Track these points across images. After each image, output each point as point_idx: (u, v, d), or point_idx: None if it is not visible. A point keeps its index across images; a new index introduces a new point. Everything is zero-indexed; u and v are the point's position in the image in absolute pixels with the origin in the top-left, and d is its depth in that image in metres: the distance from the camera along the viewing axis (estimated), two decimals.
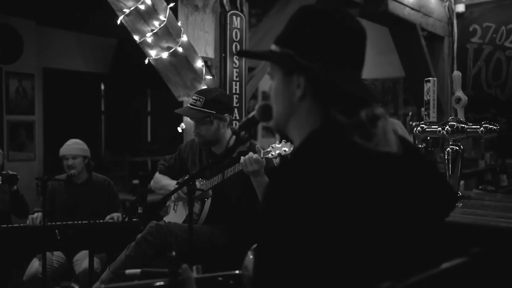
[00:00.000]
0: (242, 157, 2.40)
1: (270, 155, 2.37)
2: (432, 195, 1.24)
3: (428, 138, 3.16)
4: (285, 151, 2.33)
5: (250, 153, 2.39)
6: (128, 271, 1.50)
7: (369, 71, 6.64)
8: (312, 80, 1.07)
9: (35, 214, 3.32)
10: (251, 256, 1.44)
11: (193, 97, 2.71)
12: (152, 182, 3.02)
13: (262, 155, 2.39)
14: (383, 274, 1.01)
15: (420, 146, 3.71)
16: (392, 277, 0.96)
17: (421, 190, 1.18)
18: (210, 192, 2.69)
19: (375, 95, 1.11)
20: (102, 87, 7.58)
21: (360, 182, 1.00)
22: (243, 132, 1.54)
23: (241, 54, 3.16)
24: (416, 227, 1.15)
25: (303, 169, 0.99)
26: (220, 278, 1.45)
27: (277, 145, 2.38)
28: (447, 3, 6.20)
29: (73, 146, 3.55)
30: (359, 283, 0.98)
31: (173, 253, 1.27)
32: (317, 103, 1.08)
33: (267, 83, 1.20)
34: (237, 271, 1.50)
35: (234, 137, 1.90)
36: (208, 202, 2.69)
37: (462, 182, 4.32)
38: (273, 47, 1.13)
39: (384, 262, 1.03)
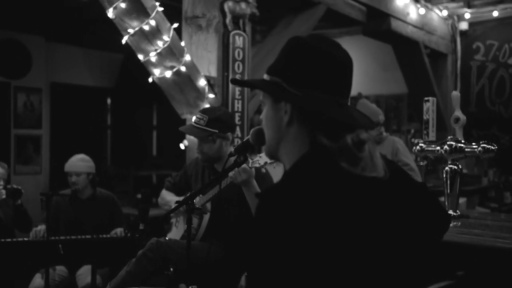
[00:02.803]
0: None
1: (257, 164, 2.41)
2: (422, 217, 1.27)
3: (430, 156, 3.19)
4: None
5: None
6: None
7: (373, 87, 6.74)
8: (297, 106, 1.12)
9: (39, 227, 3.36)
10: None
11: (197, 116, 2.77)
12: (159, 198, 3.11)
13: (250, 165, 2.42)
14: None
15: (421, 164, 3.74)
16: None
17: (409, 214, 1.20)
18: (209, 207, 2.73)
19: (360, 121, 1.15)
20: (109, 101, 7.67)
21: (346, 209, 1.03)
22: (240, 155, 1.59)
23: (234, 82, 3.28)
24: (406, 250, 1.17)
25: (291, 197, 1.02)
26: None
27: (264, 154, 2.42)
28: (450, 21, 6.26)
29: (77, 163, 3.56)
30: None
31: (171, 269, 1.30)
32: (304, 128, 1.13)
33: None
34: None
35: (231, 159, 1.95)
36: (206, 217, 2.73)
37: (464, 200, 4.33)
38: (265, 76, 1.20)
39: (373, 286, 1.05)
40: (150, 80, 3.29)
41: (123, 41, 3.17)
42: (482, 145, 2.74)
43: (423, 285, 1.09)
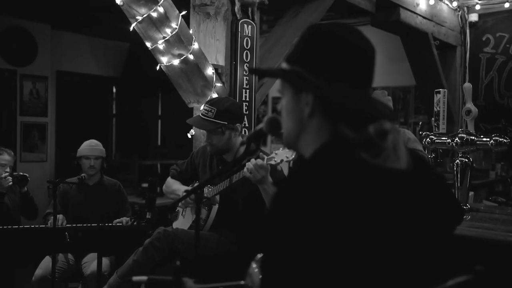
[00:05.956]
0: (247, 164, 2.40)
1: (273, 161, 2.38)
2: (439, 211, 1.24)
3: (440, 148, 3.15)
4: (287, 157, 2.34)
5: (258, 160, 2.39)
6: (135, 278, 1.52)
7: (380, 79, 6.63)
8: (319, 97, 1.08)
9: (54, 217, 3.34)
10: (254, 266, 1.44)
11: (205, 108, 2.73)
12: (164, 186, 3.07)
13: (266, 161, 2.40)
14: None
15: (430, 156, 3.70)
16: None
17: (428, 206, 1.18)
18: (217, 198, 2.71)
19: (383, 111, 1.11)
20: (114, 90, 7.66)
21: (364, 199, 1.01)
22: (252, 143, 1.56)
23: (252, 72, 3.18)
24: (422, 243, 1.14)
25: (309, 186, 1.00)
26: None
27: (280, 151, 2.39)
28: (460, 12, 6.18)
29: (96, 147, 3.62)
30: None
31: (178, 262, 1.27)
32: (326, 119, 1.09)
33: (277, 88, 1.21)
34: (241, 282, 1.50)
35: (243, 147, 1.91)
36: (215, 208, 2.71)
37: (471, 194, 4.31)
38: (284, 65, 1.15)
39: (387, 279, 1.03)
40: (158, 68, 3.26)
41: (131, 28, 3.13)
42: (494, 138, 2.71)
43: (441, 280, 1.06)
